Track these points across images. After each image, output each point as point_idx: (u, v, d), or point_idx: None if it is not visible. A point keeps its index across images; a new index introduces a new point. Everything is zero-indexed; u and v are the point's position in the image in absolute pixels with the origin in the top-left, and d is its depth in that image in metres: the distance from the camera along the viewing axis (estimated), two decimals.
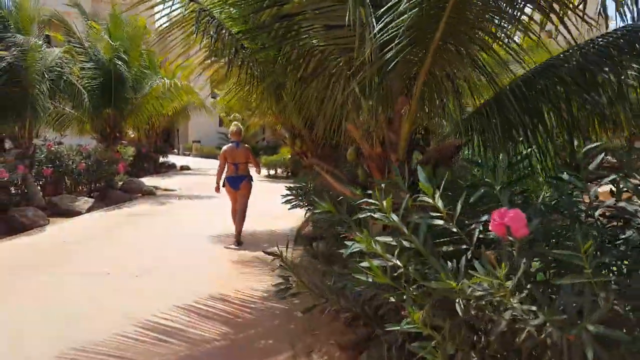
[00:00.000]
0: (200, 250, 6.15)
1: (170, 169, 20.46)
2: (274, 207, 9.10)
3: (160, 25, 5.10)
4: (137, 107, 12.20)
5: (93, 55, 11.81)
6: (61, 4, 13.33)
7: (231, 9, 4.93)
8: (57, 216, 8.49)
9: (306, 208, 5.96)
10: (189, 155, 34.13)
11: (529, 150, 2.74)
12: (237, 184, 6.52)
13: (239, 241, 6.49)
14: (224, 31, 4.72)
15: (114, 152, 11.55)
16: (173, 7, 4.75)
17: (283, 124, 5.38)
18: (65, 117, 11.95)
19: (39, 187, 9.70)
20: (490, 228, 1.62)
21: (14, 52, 8.64)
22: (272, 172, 17.50)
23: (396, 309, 2.36)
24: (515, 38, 2.94)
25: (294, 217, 8.48)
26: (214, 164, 24.71)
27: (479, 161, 3.00)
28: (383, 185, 2.07)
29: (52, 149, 10.06)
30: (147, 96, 12.20)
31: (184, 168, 20.47)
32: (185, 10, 4.57)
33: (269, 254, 2.98)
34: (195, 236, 6.87)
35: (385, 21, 2.29)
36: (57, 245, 6.35)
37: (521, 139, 2.84)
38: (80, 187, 10.53)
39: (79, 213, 8.69)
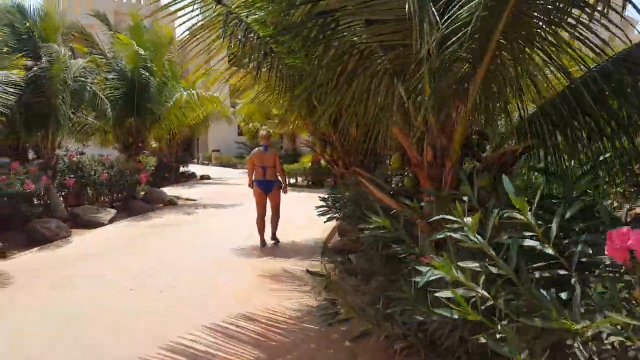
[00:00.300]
0: (225, 262, 5.88)
1: (190, 178, 20.43)
2: (296, 217, 8.85)
3: (183, 33, 4.93)
4: (161, 117, 12.10)
5: (116, 66, 11.77)
6: (83, 16, 13.44)
7: (260, 12, 4.69)
8: (79, 227, 8.35)
9: (337, 219, 5.69)
10: (208, 164, 34.23)
11: (608, 155, 2.41)
12: (267, 188, 6.74)
13: (276, 237, 6.94)
14: (252, 34, 4.50)
15: (136, 163, 11.45)
16: (199, 11, 4.58)
17: (313, 131, 5.11)
18: (88, 127, 11.92)
19: (61, 198, 9.64)
20: (606, 252, 1.30)
21: (44, 62, 8.60)
22: (292, 180, 17.24)
23: (461, 340, 2.05)
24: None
25: (318, 227, 8.20)
26: (234, 173, 24.62)
27: (545, 168, 2.68)
28: (469, 199, 1.76)
29: (74, 159, 9.99)
30: (171, 106, 12.09)
31: (205, 177, 20.40)
32: (213, 13, 4.36)
33: (312, 273, 2.69)
34: (220, 247, 6.61)
35: (452, 11, 2.00)
36: (78, 257, 6.17)
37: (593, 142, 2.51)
38: (102, 198, 10.44)
39: (101, 224, 8.55)
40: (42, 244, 6.95)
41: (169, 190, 14.71)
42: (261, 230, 6.77)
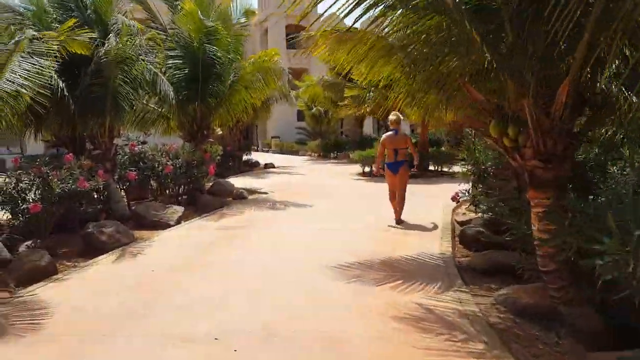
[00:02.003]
0: (333, 292, 4.25)
1: (254, 167, 19.27)
2: (389, 218, 7.22)
3: None
4: (226, 100, 10.74)
5: (178, 42, 10.50)
6: None
7: None
8: (143, 228, 7.16)
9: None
10: (268, 151, 33.28)
11: None
12: (397, 169, 7.03)
13: (400, 220, 7.13)
14: None
15: (202, 152, 10.19)
16: None
17: (484, 101, 3.36)
18: (150, 113, 10.79)
19: (122, 193, 8.54)
20: None
21: (110, 40, 7.39)
22: (367, 169, 15.49)
23: None
24: None
25: (425, 233, 6.52)
26: (297, 160, 23.32)
27: None
28: None
29: (136, 149, 8.84)
30: (236, 85, 10.68)
31: (269, 166, 19.13)
32: None
33: None
34: (315, 264, 5.03)
35: None
36: (143, 277, 4.83)
37: None
38: (167, 191, 9.28)
39: (167, 225, 7.30)
40: (100, 252, 5.73)
41: (236, 181, 13.50)
42: (396, 209, 7.21)
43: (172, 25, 11.14)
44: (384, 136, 7.26)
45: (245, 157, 19.46)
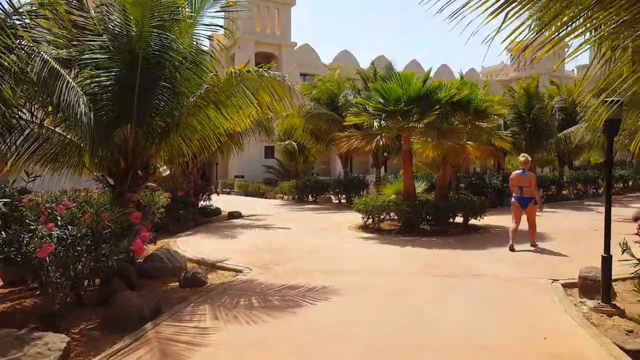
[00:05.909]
0: None
1: (213, 215, 14.88)
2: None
3: None
4: (182, 123, 6.65)
5: (106, 27, 6.53)
6: None
7: None
8: None
9: None
10: (229, 193, 28.91)
11: None
12: (524, 204, 8.30)
13: (535, 244, 8.43)
14: None
15: (131, 206, 6.05)
16: None
17: None
18: (49, 142, 6.60)
19: None
20: None
21: None
22: (368, 221, 11.53)
23: None
24: None
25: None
26: (267, 206, 18.69)
27: None
28: None
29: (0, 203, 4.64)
30: (201, 101, 6.63)
31: (235, 215, 14.76)
32: None
33: None
34: None
35: None
36: None
37: None
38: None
39: None
40: None
41: (187, 243, 9.38)
42: (513, 238, 8.16)
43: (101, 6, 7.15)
44: (513, 174, 8.48)
45: (202, 203, 15.05)
